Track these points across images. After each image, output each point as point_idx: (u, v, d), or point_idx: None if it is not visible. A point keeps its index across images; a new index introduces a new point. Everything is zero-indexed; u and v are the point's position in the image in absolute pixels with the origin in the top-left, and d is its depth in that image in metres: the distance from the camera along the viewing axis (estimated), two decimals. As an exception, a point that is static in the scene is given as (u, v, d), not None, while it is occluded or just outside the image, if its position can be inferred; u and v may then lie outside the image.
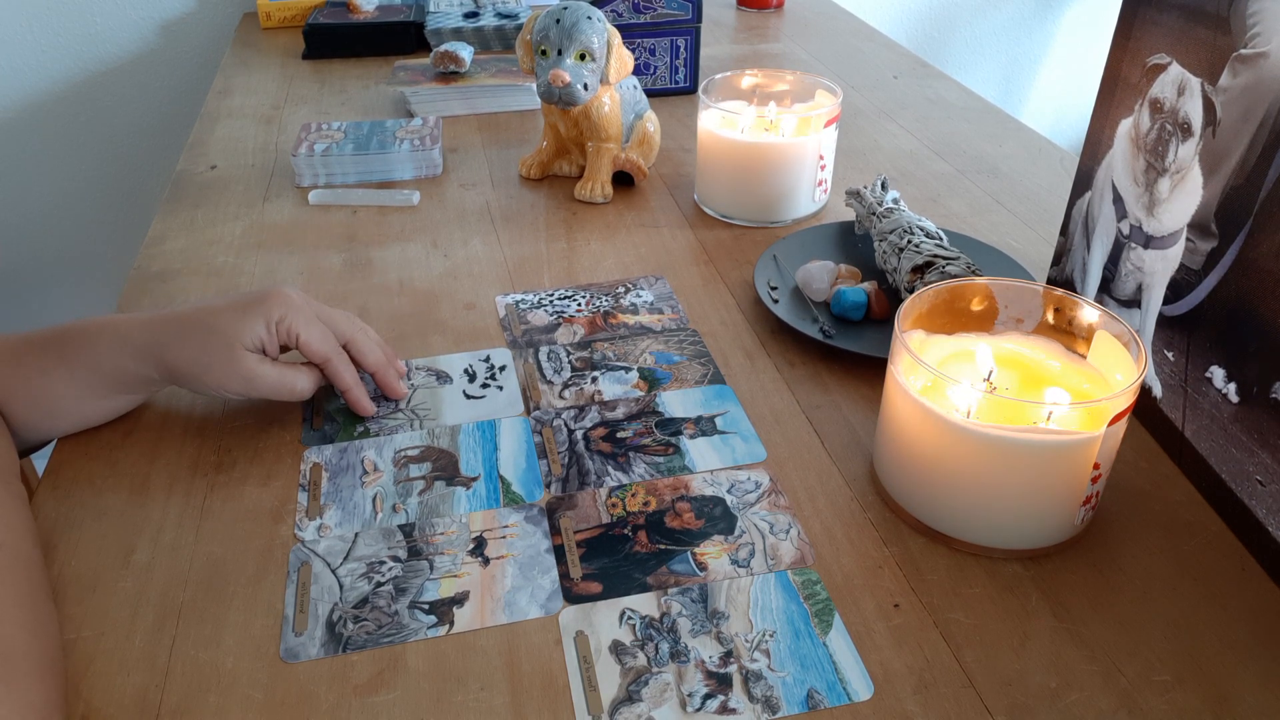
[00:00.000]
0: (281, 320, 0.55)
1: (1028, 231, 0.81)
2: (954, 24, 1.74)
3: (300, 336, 0.55)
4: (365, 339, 0.59)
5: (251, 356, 0.54)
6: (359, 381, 0.58)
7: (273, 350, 0.55)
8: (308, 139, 0.91)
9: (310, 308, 0.57)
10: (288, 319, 0.55)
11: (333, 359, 0.57)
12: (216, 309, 0.55)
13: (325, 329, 0.57)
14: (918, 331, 0.53)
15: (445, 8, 1.25)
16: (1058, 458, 0.46)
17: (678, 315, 0.69)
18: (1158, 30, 0.55)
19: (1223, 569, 0.49)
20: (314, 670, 0.44)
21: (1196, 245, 0.52)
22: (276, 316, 0.54)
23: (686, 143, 0.98)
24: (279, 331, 0.55)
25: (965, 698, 0.42)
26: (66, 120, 1.45)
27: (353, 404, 0.58)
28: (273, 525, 0.52)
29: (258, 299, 0.55)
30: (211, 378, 0.54)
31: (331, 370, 0.57)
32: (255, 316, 0.54)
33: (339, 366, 0.57)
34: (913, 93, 1.13)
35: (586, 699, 0.42)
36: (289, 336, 0.55)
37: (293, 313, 0.55)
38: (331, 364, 0.57)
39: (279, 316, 0.55)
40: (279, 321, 0.55)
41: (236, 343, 0.53)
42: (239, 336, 0.54)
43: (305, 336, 0.55)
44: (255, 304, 0.54)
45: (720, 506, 0.52)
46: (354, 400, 0.58)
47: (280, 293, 0.55)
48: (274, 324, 0.54)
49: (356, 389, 0.58)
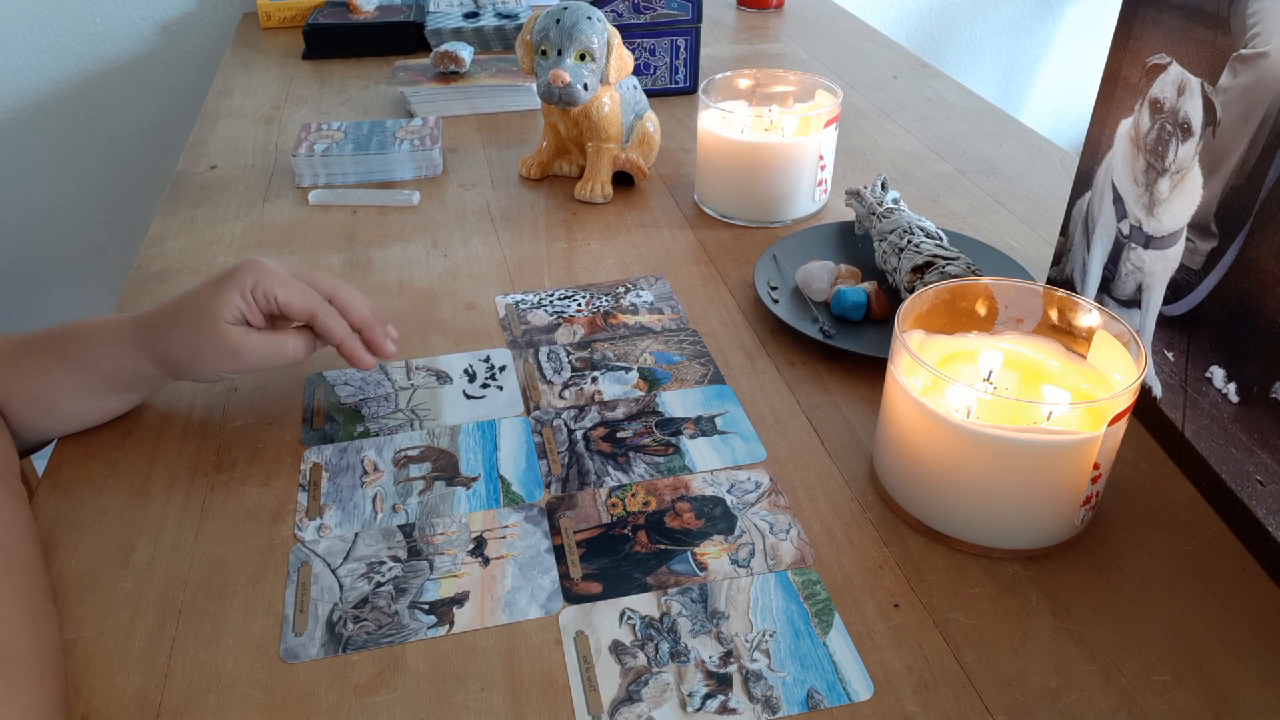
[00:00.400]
0: (255, 286, 0.53)
1: (1028, 231, 0.81)
2: (954, 24, 1.74)
3: (279, 297, 0.54)
4: (350, 293, 0.57)
5: (235, 329, 0.53)
6: (351, 333, 0.56)
7: (255, 319, 0.54)
8: (308, 139, 0.91)
9: (287, 270, 0.55)
10: (261, 283, 0.54)
11: (318, 312, 0.55)
12: (194, 290, 0.55)
13: (305, 286, 0.55)
14: (918, 331, 0.53)
15: (445, 8, 1.25)
16: (1058, 458, 0.46)
17: (678, 315, 0.69)
18: (1158, 30, 0.55)
19: (1223, 569, 0.49)
20: (314, 670, 0.44)
21: (1196, 245, 0.52)
22: (250, 283, 0.53)
23: (686, 143, 0.98)
24: (256, 298, 0.54)
25: (965, 698, 0.42)
26: (66, 120, 1.45)
27: (348, 356, 0.56)
28: (273, 525, 0.52)
29: (229, 272, 0.54)
30: (203, 359, 0.53)
31: (320, 325, 0.55)
32: (229, 287, 0.53)
33: (327, 320, 0.55)
34: (913, 93, 1.13)
35: (586, 699, 0.42)
36: (267, 301, 0.54)
37: (265, 276, 0.54)
38: (319, 318, 0.55)
39: (252, 283, 0.53)
40: (253, 288, 0.53)
41: (217, 317, 0.53)
42: (218, 310, 0.53)
43: (284, 296, 0.54)
44: (227, 276, 0.54)
45: (720, 506, 0.52)
46: (349, 353, 0.56)
47: (251, 261, 0.54)
48: (248, 291, 0.53)
49: (350, 340, 0.56)
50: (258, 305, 0.54)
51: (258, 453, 0.57)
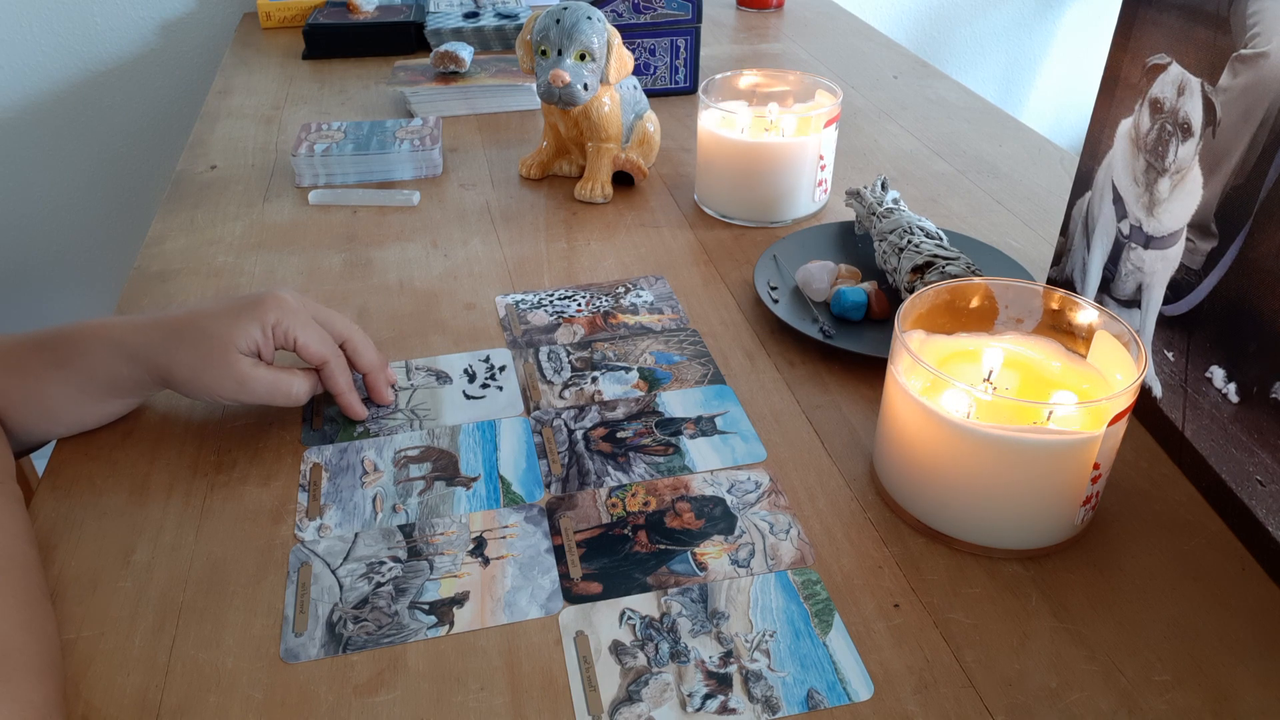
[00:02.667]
0: (278, 324, 0.54)
1: (1028, 231, 0.81)
2: (954, 24, 1.74)
3: (298, 339, 0.55)
4: (362, 339, 0.59)
5: (246, 360, 0.53)
6: (353, 386, 0.58)
7: (268, 354, 0.55)
8: (308, 139, 0.91)
9: (306, 309, 0.56)
10: (284, 323, 0.54)
11: (330, 362, 0.56)
12: (211, 312, 0.54)
13: (322, 331, 0.56)
14: (918, 331, 0.53)
15: (445, 8, 1.25)
16: (1058, 458, 0.46)
17: (678, 315, 0.69)
18: (1158, 30, 0.55)
19: (1223, 569, 0.49)
20: (314, 670, 0.44)
21: (1196, 245, 0.52)
22: (272, 320, 0.54)
23: (686, 143, 0.98)
24: (275, 335, 0.54)
25: (965, 698, 0.42)
26: (66, 120, 1.45)
27: (345, 408, 0.58)
28: (273, 525, 0.52)
29: (252, 302, 0.54)
30: (205, 382, 0.53)
31: (328, 373, 0.57)
32: (250, 320, 0.54)
33: (335, 370, 0.57)
34: (913, 93, 1.13)
35: (586, 699, 0.42)
36: (286, 340, 0.55)
37: (289, 316, 0.55)
38: (329, 367, 0.56)
39: (275, 320, 0.54)
40: (275, 325, 0.54)
41: (231, 346, 0.53)
42: (233, 340, 0.53)
43: (303, 339, 0.55)
44: (250, 307, 0.54)
45: (720, 506, 0.52)
46: (347, 405, 0.58)
47: (276, 296, 0.55)
48: (270, 328, 0.54)
49: (349, 394, 0.58)
50: (275, 341, 0.55)
51: (258, 453, 0.57)
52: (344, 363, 0.57)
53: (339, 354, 0.57)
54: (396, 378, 0.62)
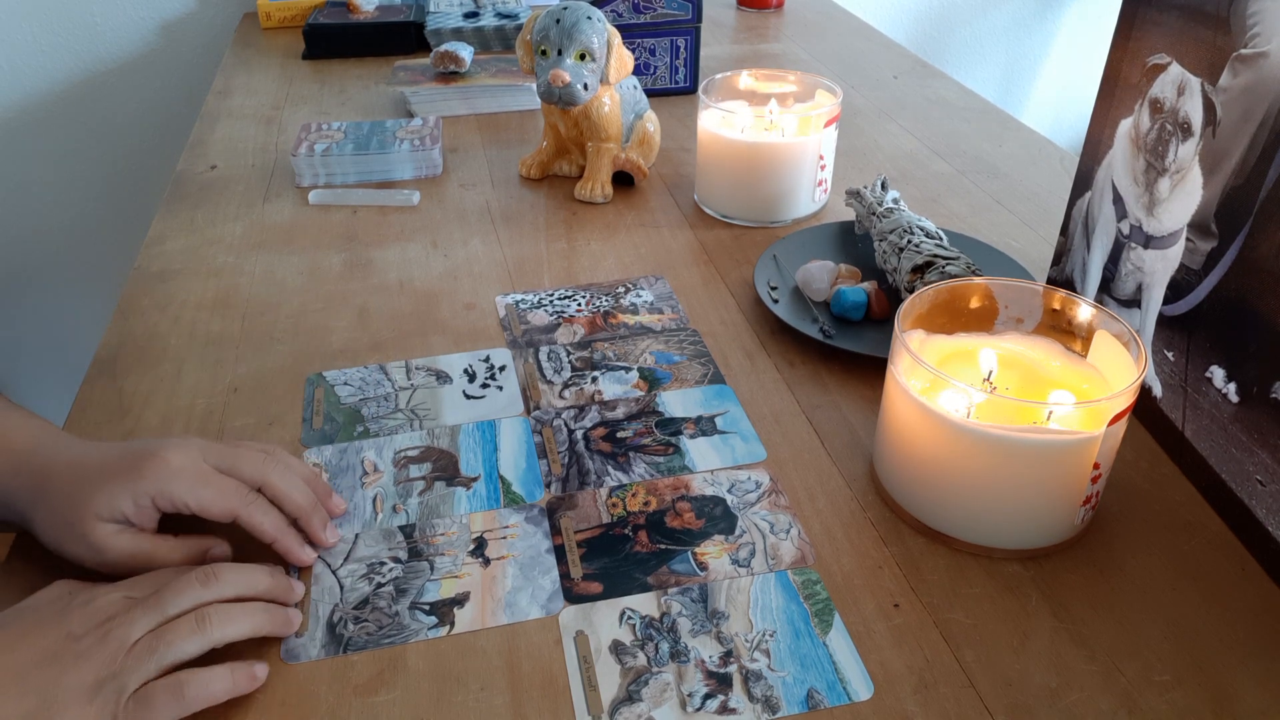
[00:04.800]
0: (159, 495, 0.46)
1: (1028, 231, 0.81)
2: (954, 24, 1.74)
3: (190, 505, 0.47)
4: (282, 478, 0.49)
5: (104, 528, 0.46)
6: (286, 528, 0.49)
7: (142, 523, 0.47)
8: (308, 139, 0.91)
9: (206, 461, 0.48)
10: (167, 491, 0.46)
11: (241, 512, 0.48)
12: (84, 472, 0.47)
13: (225, 481, 0.48)
14: (918, 331, 0.53)
15: (445, 8, 1.25)
16: (1058, 458, 0.46)
17: (678, 315, 0.69)
18: (1158, 30, 0.55)
19: (1223, 569, 0.49)
20: (314, 671, 0.44)
21: (1196, 245, 0.52)
22: (151, 490, 0.46)
23: (686, 143, 0.98)
24: (158, 503, 0.46)
25: (965, 698, 0.42)
26: (66, 120, 1.45)
27: (282, 553, 0.49)
28: (273, 525, 0.51)
29: (130, 467, 0.47)
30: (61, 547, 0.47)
31: (246, 524, 0.48)
32: (119, 488, 0.46)
33: (252, 518, 0.48)
34: (913, 93, 1.13)
35: (586, 699, 0.42)
36: (174, 508, 0.47)
37: (172, 483, 0.46)
38: (242, 518, 0.48)
39: (155, 491, 0.46)
40: (155, 495, 0.46)
41: (89, 514, 0.46)
42: (93, 508, 0.46)
43: (197, 503, 0.47)
44: (125, 473, 0.46)
45: (720, 506, 0.52)
46: (284, 550, 0.48)
47: (159, 460, 0.47)
48: (145, 497, 0.46)
49: (284, 537, 0.49)
50: (156, 509, 0.47)
51: (258, 453, 0.56)
52: (263, 504, 0.49)
53: (251, 500, 0.48)
54: (345, 507, 0.53)
